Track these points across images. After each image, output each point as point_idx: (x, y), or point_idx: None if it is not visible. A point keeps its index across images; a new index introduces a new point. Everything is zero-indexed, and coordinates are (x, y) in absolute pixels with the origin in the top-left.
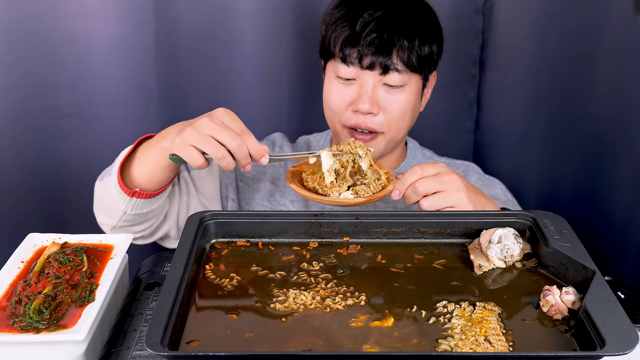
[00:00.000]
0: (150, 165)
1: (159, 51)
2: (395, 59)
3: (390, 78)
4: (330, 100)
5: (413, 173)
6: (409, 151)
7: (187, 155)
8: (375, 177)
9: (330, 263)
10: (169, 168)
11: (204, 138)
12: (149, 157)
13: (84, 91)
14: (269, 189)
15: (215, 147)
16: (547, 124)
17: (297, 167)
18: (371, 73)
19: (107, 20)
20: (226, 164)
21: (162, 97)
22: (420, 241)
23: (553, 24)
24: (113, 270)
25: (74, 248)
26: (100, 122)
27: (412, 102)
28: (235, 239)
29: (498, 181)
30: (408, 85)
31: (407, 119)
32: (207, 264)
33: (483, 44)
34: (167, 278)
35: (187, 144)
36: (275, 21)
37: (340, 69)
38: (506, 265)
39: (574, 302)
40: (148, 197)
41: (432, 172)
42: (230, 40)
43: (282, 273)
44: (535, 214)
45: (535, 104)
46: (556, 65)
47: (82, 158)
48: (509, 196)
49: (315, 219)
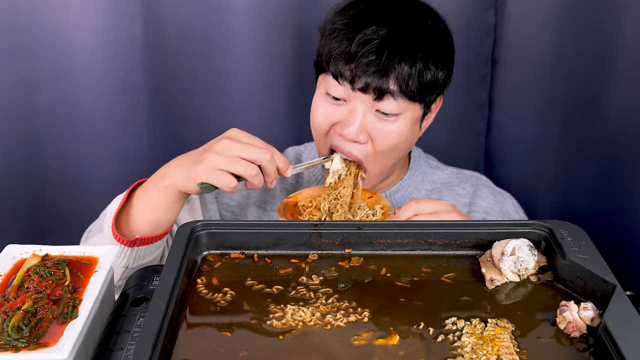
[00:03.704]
0: (154, 210)
1: (147, 48)
2: (393, 84)
3: (385, 105)
4: (314, 118)
5: (408, 208)
6: (413, 161)
7: (220, 180)
8: (371, 211)
9: (331, 276)
10: (177, 205)
11: (233, 160)
12: (150, 202)
13: (65, 88)
14: (257, 214)
15: (247, 165)
16: (563, 127)
17: (291, 199)
18: (364, 97)
19: (90, 13)
20: (258, 181)
21: (151, 96)
22: (427, 253)
23: (570, 19)
24: (98, 284)
25: (55, 260)
26: (83, 122)
27: (406, 133)
28: (229, 250)
29: (509, 195)
30: (403, 115)
31: (396, 152)
32: (198, 278)
33: (495, 41)
34: (155, 293)
35: (216, 169)
36: (273, 19)
37: (331, 85)
38: (520, 279)
39: (593, 318)
40: (151, 241)
41: (430, 210)
42: (224, 38)
43: (280, 287)
44: (551, 224)
45: (550, 105)
46: (573, 64)
47: (63, 162)
48: (520, 212)
49: (315, 229)
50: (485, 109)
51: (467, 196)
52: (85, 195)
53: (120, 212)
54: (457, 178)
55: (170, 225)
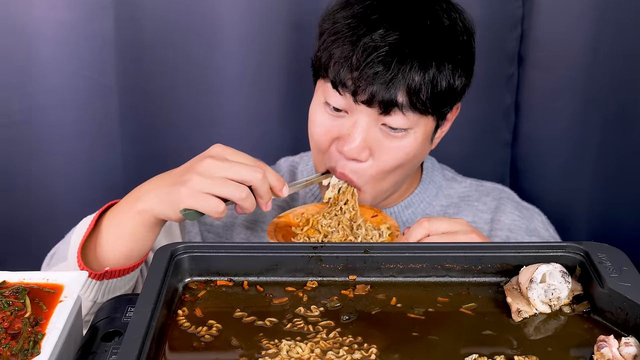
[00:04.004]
0: (126, 238)
1: (119, 44)
2: (401, 96)
3: (392, 120)
4: (313, 131)
5: (419, 227)
6: (425, 172)
7: (205, 205)
8: (376, 232)
9: (333, 307)
10: (152, 233)
11: (219, 181)
12: (121, 228)
13: (27, 92)
14: (244, 236)
15: (236, 187)
16: (601, 135)
17: (282, 218)
18: (368, 110)
19: (55, 6)
20: (250, 204)
21: (124, 101)
22: (444, 280)
23: (611, 10)
24: (63, 316)
25: (14, 289)
26: (46, 131)
27: (415, 150)
28: (215, 277)
29: (538, 211)
30: (414, 130)
31: (401, 170)
32: (180, 309)
33: (522, 36)
34: (130, 326)
35: (201, 193)
36: (266, 8)
37: (330, 94)
38: (551, 310)
39: (635, 355)
40: (122, 273)
41: (445, 229)
42: (209, 31)
43: (273, 320)
44: (587, 247)
45: (586, 110)
46: (614, 62)
47: (25, 177)
48: (550, 230)
49: (315, 252)
50: (511, 115)
51: (489, 212)
52: (49, 215)
53: (87, 238)
54: (476, 191)
55: (145, 255)
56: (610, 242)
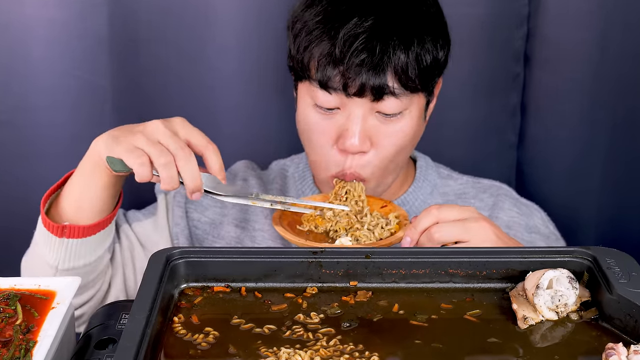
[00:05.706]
0: (75, 182)
1: (112, 43)
2: (391, 80)
3: (386, 105)
4: (311, 137)
5: (428, 215)
6: (419, 171)
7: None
8: (384, 221)
9: (334, 314)
10: (99, 178)
11: (151, 142)
12: (74, 175)
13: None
14: (235, 234)
15: (161, 151)
16: (610, 137)
17: None
18: (360, 100)
19: (47, 3)
20: (168, 176)
21: (118, 101)
22: (448, 286)
23: (617, 9)
24: (55, 323)
25: (5, 295)
26: (37, 133)
27: (413, 130)
28: (212, 283)
29: (537, 207)
30: (409, 110)
31: (402, 154)
32: (175, 315)
33: (528, 34)
34: (124, 333)
35: (135, 148)
36: (262, 3)
37: (319, 96)
38: (558, 316)
39: None
40: (82, 235)
41: (455, 217)
42: (205, 28)
43: (272, 327)
44: (595, 251)
45: (595, 111)
46: (621, 62)
47: (14, 179)
48: (550, 227)
49: (315, 257)
50: (516, 117)
51: (486, 209)
52: None
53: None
54: (473, 188)
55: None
56: (619, 247)
